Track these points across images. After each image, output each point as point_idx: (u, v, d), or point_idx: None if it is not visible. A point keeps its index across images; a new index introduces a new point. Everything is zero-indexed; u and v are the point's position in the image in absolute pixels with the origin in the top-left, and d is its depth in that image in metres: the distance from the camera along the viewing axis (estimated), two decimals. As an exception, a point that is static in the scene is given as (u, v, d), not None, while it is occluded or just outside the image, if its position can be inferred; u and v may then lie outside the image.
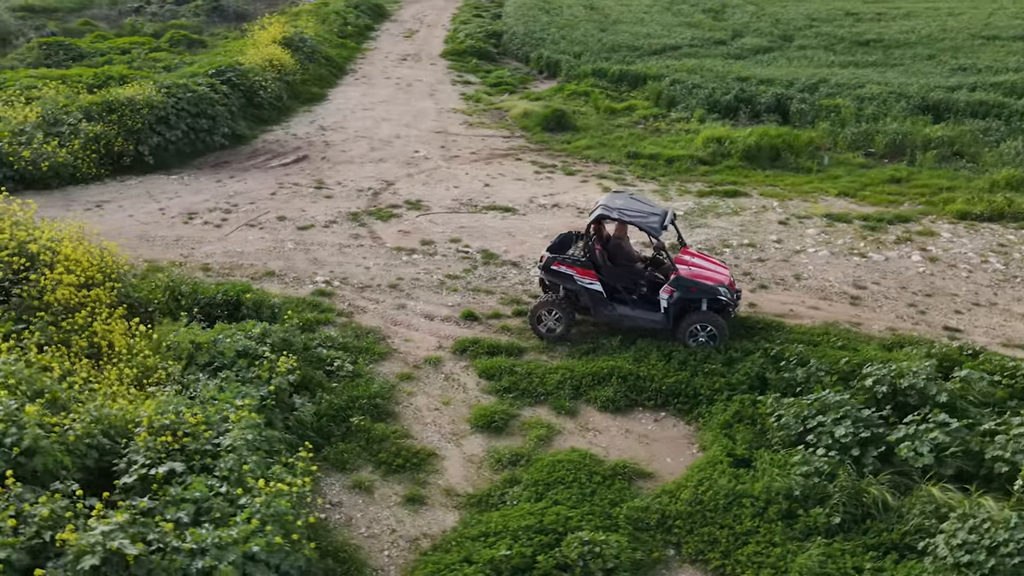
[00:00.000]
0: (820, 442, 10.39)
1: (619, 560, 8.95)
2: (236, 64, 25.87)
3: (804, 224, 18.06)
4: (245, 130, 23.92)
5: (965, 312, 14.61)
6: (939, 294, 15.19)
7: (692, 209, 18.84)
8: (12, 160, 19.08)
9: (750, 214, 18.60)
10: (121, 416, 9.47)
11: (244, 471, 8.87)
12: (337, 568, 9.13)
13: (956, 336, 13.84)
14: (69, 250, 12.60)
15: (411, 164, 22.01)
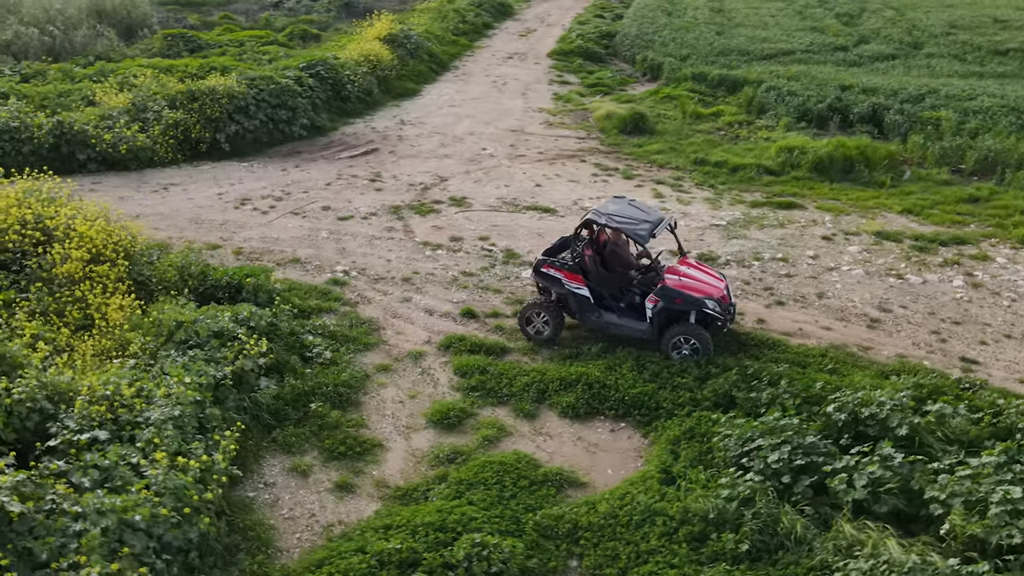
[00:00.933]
0: (753, 466, 9.98)
1: (505, 565, 8.90)
2: (328, 59, 26.79)
3: (849, 241, 17.23)
4: (325, 122, 24.77)
5: (991, 344, 13.63)
6: (969, 322, 14.21)
7: (736, 219, 18.28)
8: (95, 142, 20.51)
9: (796, 227, 17.88)
10: (68, 384, 10.11)
11: (156, 443, 9.32)
12: (242, 544, 9.47)
13: (970, 368, 12.95)
14: (84, 228, 13.48)
15: (473, 161, 22.27)
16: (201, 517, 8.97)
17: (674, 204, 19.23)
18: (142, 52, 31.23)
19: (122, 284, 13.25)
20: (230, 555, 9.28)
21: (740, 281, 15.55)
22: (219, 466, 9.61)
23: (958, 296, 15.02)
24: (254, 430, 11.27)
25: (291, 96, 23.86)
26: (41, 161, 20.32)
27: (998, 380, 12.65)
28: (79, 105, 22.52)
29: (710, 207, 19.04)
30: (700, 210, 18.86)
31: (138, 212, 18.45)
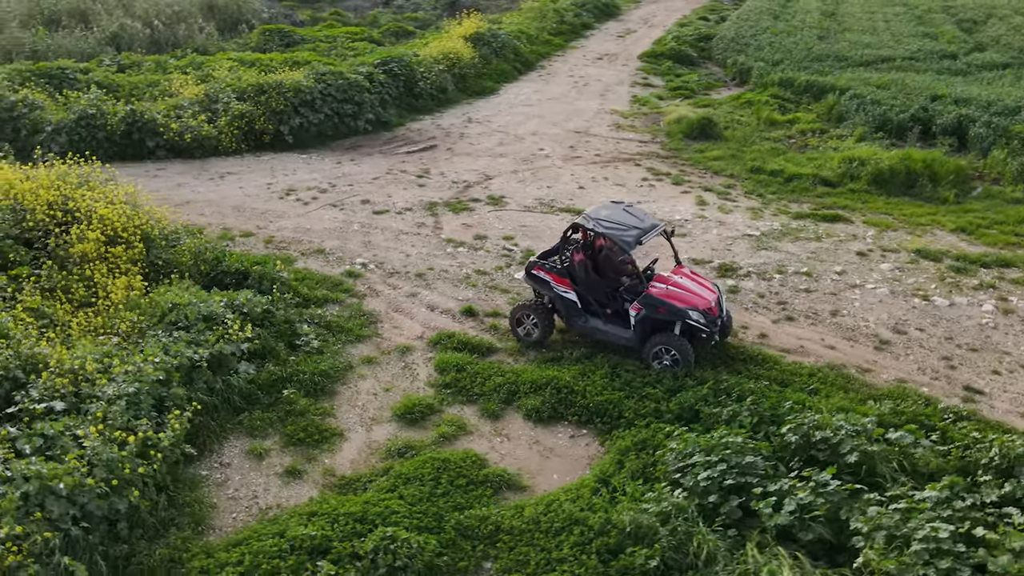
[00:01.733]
0: (685, 483, 9.76)
1: (410, 561, 9.00)
2: (404, 56, 27.34)
3: (884, 258, 16.49)
4: (392, 117, 25.31)
5: (1004, 373, 12.84)
6: (987, 350, 13.42)
7: (772, 231, 17.76)
8: (163, 131, 21.61)
9: (832, 241, 17.23)
10: (42, 356, 10.78)
11: (99, 417, 9.84)
12: (177, 520, 9.88)
13: (972, 398, 12.25)
14: (106, 211, 14.27)
15: (526, 161, 22.35)
16: (131, 490, 9.39)
17: (714, 212, 18.82)
18: (239, 46, 32.60)
19: (134, 266, 13.95)
20: (162, 529, 9.69)
21: (754, 294, 15.12)
22: (163, 443, 10.03)
23: (984, 321, 14.18)
24: (222, 411, 11.70)
25: (358, 91, 24.47)
26: (114, 147, 21.63)
27: (999, 412, 11.92)
28: (160, 95, 23.72)
29: (750, 217, 18.54)
30: (738, 219, 18.39)
31: (189, 198, 19.36)
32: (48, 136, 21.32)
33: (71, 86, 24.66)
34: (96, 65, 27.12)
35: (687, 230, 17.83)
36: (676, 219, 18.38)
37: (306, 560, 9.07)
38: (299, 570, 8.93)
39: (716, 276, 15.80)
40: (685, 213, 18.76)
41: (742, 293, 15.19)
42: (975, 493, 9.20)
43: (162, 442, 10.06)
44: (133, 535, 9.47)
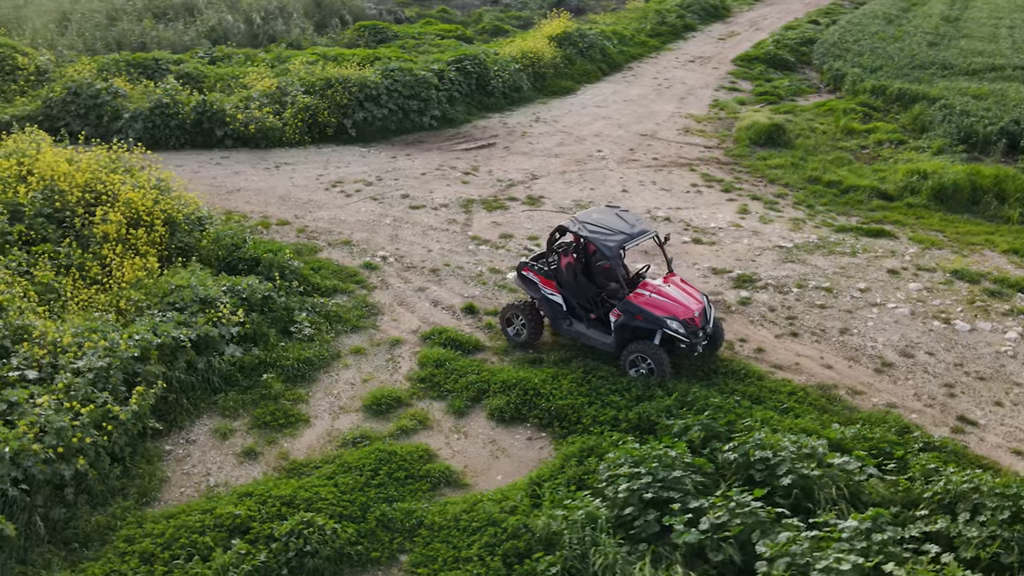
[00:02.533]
0: (608, 492, 9.64)
1: (320, 547, 9.22)
2: (478, 54, 27.63)
3: (917, 277, 15.71)
4: (458, 114, 25.62)
5: (1007, 406, 12.08)
6: (996, 379, 12.65)
7: (806, 243, 17.15)
8: (229, 121, 22.57)
9: (866, 257, 16.52)
10: (31, 328, 11.53)
11: (61, 388, 10.46)
12: (126, 490, 10.40)
13: (962, 429, 11.61)
14: (133, 194, 15.07)
15: (579, 163, 22.26)
16: (79, 458, 9.95)
17: (753, 222, 18.32)
18: (331, 42, 33.59)
19: (152, 248, 14.68)
20: (109, 497, 10.22)
21: (765, 307, 14.68)
22: (120, 416, 10.57)
23: (1003, 349, 13.35)
24: (199, 391, 12.21)
25: (425, 87, 24.88)
26: (185, 135, 22.72)
27: (987, 446, 11.24)
28: (237, 87, 24.76)
29: (790, 228, 17.96)
30: (775, 230, 17.84)
31: (241, 186, 20.19)
32: (126, 123, 22.60)
33: (162, 76, 25.97)
34: (189, 57, 28.49)
35: (718, 239, 17.42)
36: (710, 227, 17.98)
37: (225, 537, 9.41)
38: (215, 546, 9.26)
39: (732, 287, 15.40)
40: (722, 221, 18.32)
41: (753, 305, 14.76)
42: (899, 527, 8.72)
43: (119, 415, 10.57)
44: (79, 500, 10.00)
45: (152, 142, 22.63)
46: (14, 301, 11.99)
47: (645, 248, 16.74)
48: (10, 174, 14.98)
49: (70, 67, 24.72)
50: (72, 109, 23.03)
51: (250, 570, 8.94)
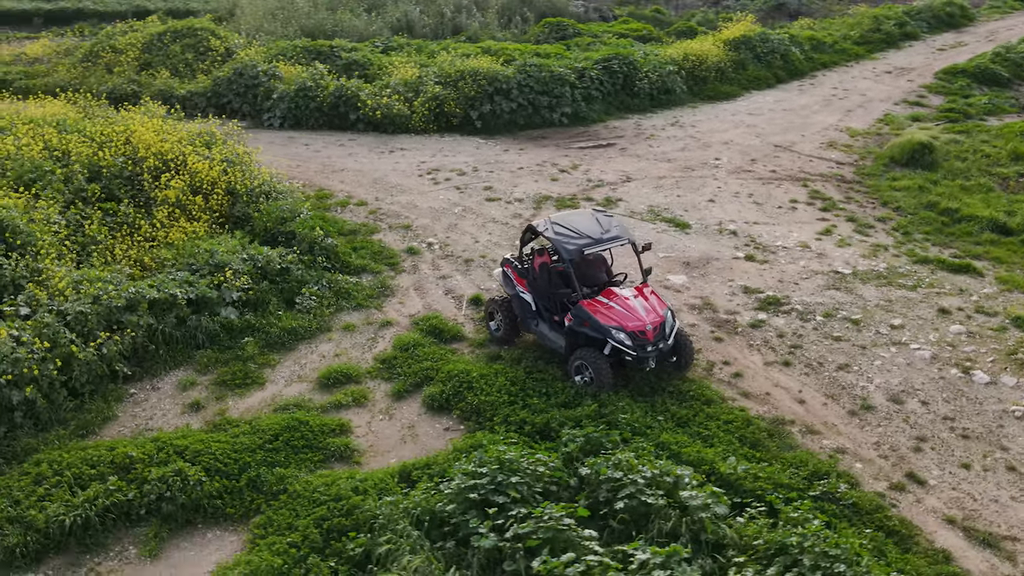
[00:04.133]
0: (443, 488, 9.71)
1: (177, 495, 10.01)
2: (629, 54, 27.44)
3: (969, 320, 14.12)
4: (592, 113, 25.63)
5: (975, 470, 10.78)
6: (980, 440, 11.26)
7: (869, 272, 15.87)
8: (360, 106, 24.04)
9: (926, 293, 15.03)
10: (45, 270, 13.20)
11: (35, 325, 11.94)
12: (74, 420, 11.67)
13: (904, 486, 10.53)
14: (199, 165, 16.65)
15: (687, 169, 21.69)
16: (28, 387, 11.35)
17: (827, 244, 17.14)
18: (513, 36, 34.49)
19: (207, 214, 16.17)
20: (54, 425, 11.56)
21: (774, 333, 13.83)
22: (79, 355, 11.90)
23: (1012, 409, 11.81)
24: (182, 344, 13.39)
25: (559, 84, 25.13)
26: (323, 117, 24.49)
27: (919, 509, 10.15)
28: (384, 75, 26.25)
29: (862, 254, 16.63)
30: (845, 255, 16.60)
31: (346, 167, 21.53)
32: (274, 103, 24.69)
33: (333, 62, 28.00)
34: (365, 46, 30.42)
35: (774, 258, 16.47)
36: (774, 245, 17.01)
37: (107, 473, 10.39)
38: (93, 479, 10.27)
39: (753, 308, 14.59)
40: (792, 240, 17.26)
41: (762, 329, 13.93)
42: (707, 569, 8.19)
43: (77, 354, 11.90)
44: (25, 424, 11.39)
45: (294, 121, 24.60)
46: (47, 247, 13.69)
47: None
48: (106, 140, 16.96)
49: (242, 51, 27.23)
50: (234, 88, 25.45)
51: (108, 505, 9.87)
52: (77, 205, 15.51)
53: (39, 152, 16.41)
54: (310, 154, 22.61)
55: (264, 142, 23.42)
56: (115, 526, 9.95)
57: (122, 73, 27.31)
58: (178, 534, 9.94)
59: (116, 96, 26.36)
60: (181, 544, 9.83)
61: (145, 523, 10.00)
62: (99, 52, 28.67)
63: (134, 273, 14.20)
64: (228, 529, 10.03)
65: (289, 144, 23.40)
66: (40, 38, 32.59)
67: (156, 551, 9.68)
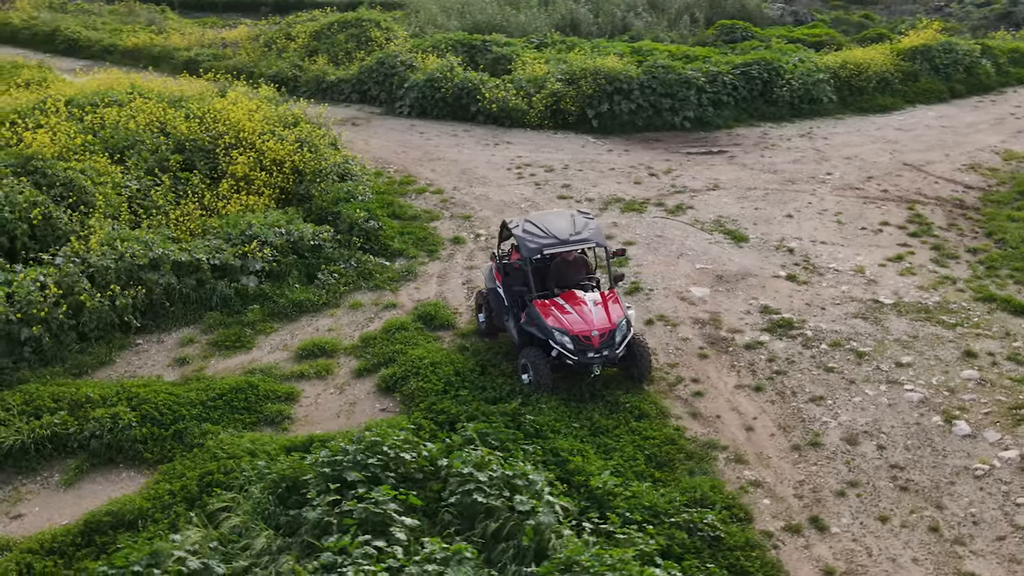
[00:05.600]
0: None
1: (105, 434, 11.08)
2: (772, 60, 26.30)
3: (990, 368, 12.69)
4: (717, 119, 24.81)
5: (891, 525, 9.83)
6: (919, 495, 10.24)
7: (910, 304, 14.59)
8: (480, 100, 24.70)
9: (960, 333, 13.63)
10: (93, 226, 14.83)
11: (55, 271, 13.51)
12: (74, 360, 13.11)
13: (802, 530, 9.85)
14: (270, 143, 17.94)
15: (786, 183, 20.65)
16: (35, 326, 12.90)
17: (887, 271, 15.91)
18: (680, 37, 33.84)
19: (269, 190, 17.43)
20: (56, 362, 13.05)
21: (765, 355, 13.15)
22: (88, 304, 13.34)
23: (977, 466, 10.61)
24: (195, 305, 14.59)
25: (683, 87, 24.56)
26: (447, 107, 25.41)
27: (798, 559, 9.45)
28: (517, 69, 26.77)
29: (919, 285, 15.29)
30: (899, 284, 15.34)
31: (444, 156, 22.29)
32: (405, 92, 25.87)
33: (483, 56, 28.89)
34: (518, 42, 31.01)
35: (817, 280, 15.49)
36: (827, 267, 15.99)
37: (63, 410, 11.59)
38: (53, 412, 11.51)
39: (761, 328, 13.86)
40: (849, 264, 16.13)
41: (756, 350, 13.25)
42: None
43: (87, 303, 13.35)
44: (31, 358, 12.93)
45: (421, 111, 25.69)
46: (103, 207, 15.34)
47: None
48: (200, 117, 18.64)
49: (391, 44, 28.62)
50: (374, 76, 26.92)
51: (47, 435, 11.10)
52: (156, 173, 17.14)
53: (143, 124, 18.27)
54: (420, 142, 23.52)
55: (385, 128, 24.73)
56: (52, 455, 11.10)
57: (288, 58, 29.52)
58: (98, 470, 10.98)
59: (279, 79, 28.60)
60: (97, 478, 10.86)
61: (76, 456, 11.07)
62: (275, 39, 31.11)
63: (181, 237, 15.53)
64: (143, 472, 10.95)
65: (407, 131, 24.44)
66: (240, 25, 35.72)
67: (72, 481, 10.76)
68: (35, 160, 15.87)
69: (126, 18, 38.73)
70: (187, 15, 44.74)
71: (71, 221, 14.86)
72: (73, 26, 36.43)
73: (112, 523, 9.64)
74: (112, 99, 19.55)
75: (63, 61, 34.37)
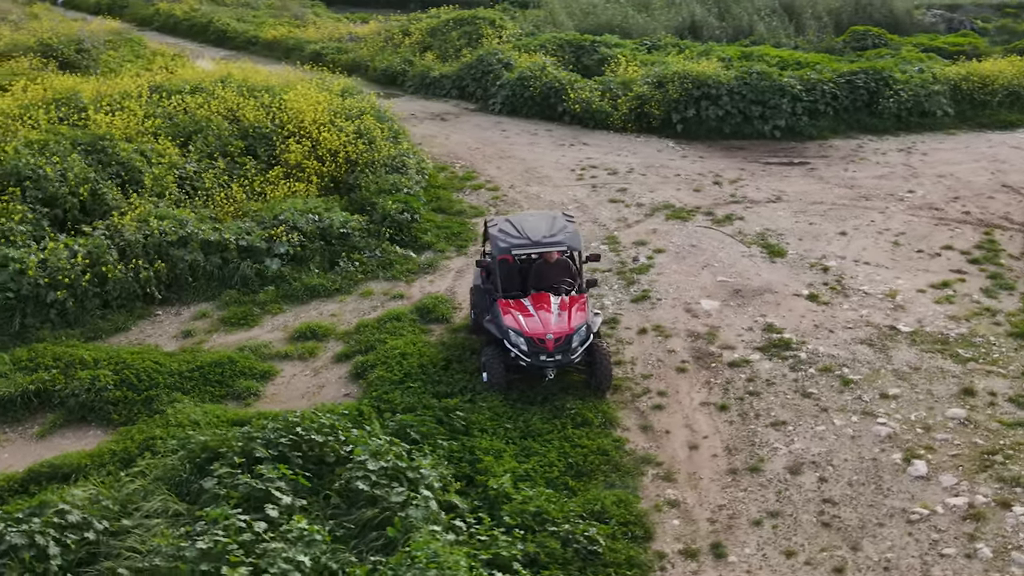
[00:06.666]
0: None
1: (84, 394, 12.01)
2: (881, 69, 24.92)
3: (984, 408, 11.70)
4: (811, 129, 23.68)
5: (795, 562, 9.34)
6: (844, 535, 9.65)
7: (930, 333, 13.61)
8: (566, 102, 24.73)
9: (969, 368, 12.63)
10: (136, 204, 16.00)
11: (89, 242, 14.66)
12: (94, 324, 14.22)
13: (698, 556, 9.51)
14: (325, 134, 18.71)
15: (857, 198, 19.55)
16: (61, 291, 14.06)
17: (922, 299, 14.90)
18: (807, 44, 32.48)
19: (316, 178, 18.22)
20: (76, 326, 14.18)
21: (746, 375, 12.67)
22: (111, 275, 14.41)
23: (915, 511, 9.87)
24: (217, 282, 15.44)
25: (776, 95, 23.67)
26: (536, 106, 25.63)
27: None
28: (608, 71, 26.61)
29: (949, 314, 14.26)
30: (924, 312, 14.35)
31: (514, 155, 22.51)
32: (497, 89, 26.24)
33: (590, 57, 28.91)
34: (629, 43, 30.70)
35: (842, 301, 14.72)
36: (860, 288, 15.14)
37: (58, 368, 12.59)
38: (47, 369, 12.56)
39: (758, 347, 13.35)
40: (885, 287, 15.21)
41: (740, 369, 12.79)
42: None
43: (110, 273, 14.43)
44: (56, 320, 14.12)
45: (511, 108, 26.00)
46: (151, 186, 16.48)
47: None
48: (268, 105, 19.66)
49: (492, 42, 28.99)
50: (472, 73, 27.45)
51: (34, 390, 12.13)
52: (215, 157, 18.21)
53: (216, 111, 19.46)
54: (498, 139, 23.79)
55: (471, 125, 25.20)
56: (38, 409, 12.13)
57: (400, 54, 30.47)
58: (71, 426, 11.90)
59: (389, 73, 29.66)
60: (67, 434, 11.78)
61: (56, 412, 12.04)
62: (394, 34, 32.16)
63: (222, 218, 16.47)
64: (108, 432, 11.77)
65: (489, 128, 24.77)
66: (371, 20, 37.09)
67: (45, 434, 11.74)
68: (103, 140, 17.18)
69: (278, 12, 40.92)
70: (342, 10, 46.75)
71: (117, 198, 16.01)
72: (224, 18, 38.89)
73: (49, 475, 10.42)
74: (197, 87, 20.83)
75: (210, 50, 36.77)
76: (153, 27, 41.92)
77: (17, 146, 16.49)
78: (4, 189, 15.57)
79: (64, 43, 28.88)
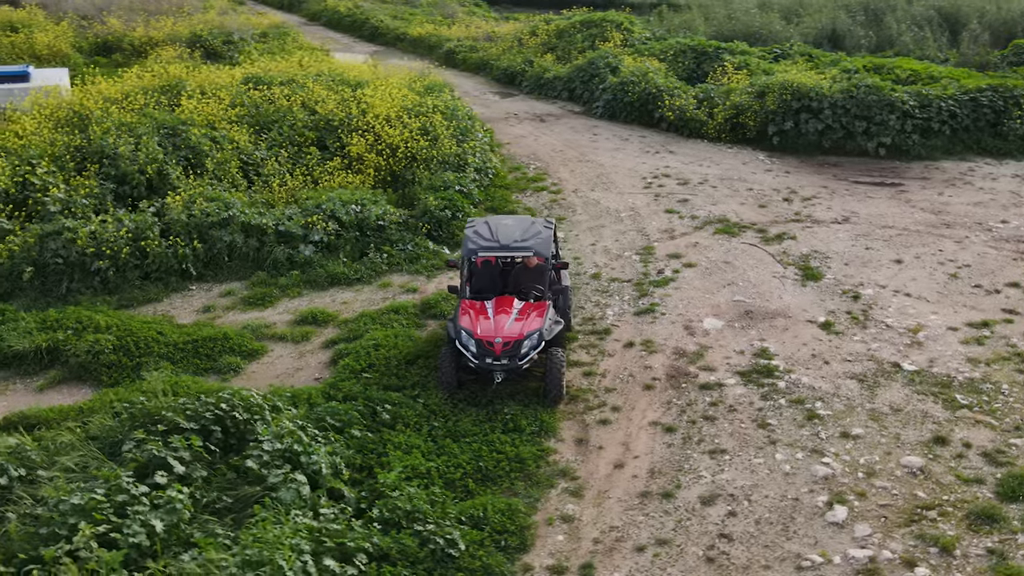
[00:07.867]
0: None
1: (82, 355, 13.13)
2: (1013, 87, 22.97)
3: (949, 460, 10.79)
4: (920, 149, 22.12)
5: (652, 591, 9.07)
6: (727, 572, 9.29)
7: (935, 376, 12.61)
8: (661, 108, 24.34)
9: (958, 416, 11.63)
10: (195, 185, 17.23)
11: (137, 220, 15.97)
12: (131, 292, 15.49)
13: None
14: (390, 130, 19.38)
15: (938, 225, 18.23)
16: (103, 260, 15.41)
17: (951, 338, 13.80)
18: (960, 58, 30.28)
19: (373, 171, 18.94)
20: (115, 292, 15.44)
21: (710, 400, 12.23)
22: (152, 250, 15.62)
23: (807, 557, 9.30)
24: (251, 262, 16.37)
25: (882, 110, 22.33)
26: (634, 111, 25.52)
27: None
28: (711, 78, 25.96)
29: (971, 356, 13.14)
30: (945, 351, 13.29)
31: (593, 159, 22.48)
32: (600, 93, 26.17)
33: (709, 63, 28.29)
34: (757, 50, 29.65)
35: (858, 333, 13.87)
36: (885, 322, 14.20)
37: (75, 328, 13.84)
38: (67, 330, 13.78)
39: (739, 371, 12.84)
40: (915, 321, 14.19)
41: (709, 392, 12.36)
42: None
43: (149, 249, 15.65)
44: (96, 285, 15.48)
45: (611, 113, 25.89)
46: (212, 169, 17.67)
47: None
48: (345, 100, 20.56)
49: (606, 44, 28.81)
50: (581, 76, 27.59)
51: (47, 347, 13.38)
52: (285, 146, 19.27)
53: (298, 103, 20.56)
54: (585, 143, 23.73)
55: (565, 127, 25.31)
56: (48, 365, 13.36)
57: (523, 54, 30.85)
58: (68, 383, 13.03)
59: (510, 72, 30.14)
60: (63, 390, 12.91)
61: (59, 369, 13.23)
62: (522, 35, 32.58)
63: (275, 203, 17.44)
64: (97, 391, 12.80)
65: (582, 132, 24.74)
66: (518, 19, 37.65)
67: (45, 388, 12.90)
68: (183, 125, 18.55)
69: (430, 10, 42.31)
70: (507, 10, 47.76)
71: (180, 178, 17.27)
72: (380, 15, 40.61)
73: (16, 423, 11.47)
74: (291, 79, 22.03)
75: (362, 45, 38.65)
76: (321, 22, 44.39)
77: (109, 126, 18.03)
78: (87, 166, 17.09)
79: (214, 35, 31.09)
